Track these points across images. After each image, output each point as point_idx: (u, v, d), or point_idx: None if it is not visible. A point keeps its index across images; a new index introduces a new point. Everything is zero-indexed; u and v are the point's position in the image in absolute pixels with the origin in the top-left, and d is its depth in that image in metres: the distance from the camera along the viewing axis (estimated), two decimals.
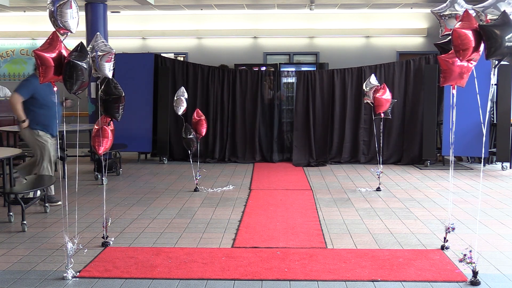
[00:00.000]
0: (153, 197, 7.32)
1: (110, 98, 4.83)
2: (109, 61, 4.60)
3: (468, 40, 3.90)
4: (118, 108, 4.89)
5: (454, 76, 4.46)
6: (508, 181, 8.46)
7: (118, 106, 4.87)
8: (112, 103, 4.85)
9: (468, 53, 3.94)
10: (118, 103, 4.87)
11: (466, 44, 3.91)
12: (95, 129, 4.83)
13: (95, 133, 4.80)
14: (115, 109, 4.87)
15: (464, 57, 3.99)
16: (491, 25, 3.88)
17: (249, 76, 10.61)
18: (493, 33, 3.82)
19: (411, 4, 12.16)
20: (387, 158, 10.04)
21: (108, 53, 4.57)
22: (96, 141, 4.78)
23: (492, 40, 3.81)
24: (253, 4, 12.22)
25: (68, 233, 4.47)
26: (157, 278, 4.21)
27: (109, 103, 4.85)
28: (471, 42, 3.90)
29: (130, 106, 10.58)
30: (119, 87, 4.90)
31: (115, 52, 4.71)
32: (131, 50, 12.90)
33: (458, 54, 4.00)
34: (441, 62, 4.50)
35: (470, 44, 3.90)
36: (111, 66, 4.65)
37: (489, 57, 3.86)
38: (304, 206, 6.70)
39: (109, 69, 4.62)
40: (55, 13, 4.09)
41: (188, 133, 7.57)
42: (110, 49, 4.63)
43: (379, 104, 7.33)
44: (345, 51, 13.33)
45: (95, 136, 4.79)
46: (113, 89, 4.85)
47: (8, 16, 13.22)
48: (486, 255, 4.69)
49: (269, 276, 4.23)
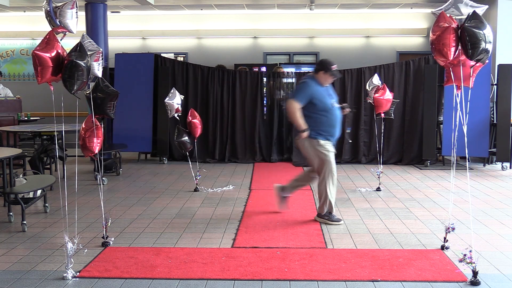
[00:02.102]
0: (153, 197, 7.32)
1: (102, 96, 4.83)
2: (97, 60, 4.58)
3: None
4: (113, 106, 4.89)
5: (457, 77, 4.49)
6: (508, 181, 8.46)
7: (112, 104, 4.88)
8: (107, 101, 4.85)
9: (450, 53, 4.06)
10: (112, 100, 4.87)
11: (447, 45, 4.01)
12: (84, 130, 4.74)
13: (88, 133, 4.72)
14: (109, 107, 4.87)
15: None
16: (474, 26, 3.96)
17: (249, 76, 10.61)
18: (477, 33, 3.92)
19: (411, 4, 12.15)
20: (387, 159, 10.04)
21: (96, 52, 4.56)
22: (91, 141, 4.72)
23: (476, 41, 3.94)
24: (253, 4, 12.21)
25: (68, 233, 4.47)
26: (157, 278, 4.20)
27: (103, 101, 4.85)
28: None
29: (130, 106, 10.69)
30: (109, 85, 4.91)
31: (102, 51, 4.68)
32: (131, 50, 12.90)
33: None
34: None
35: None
36: (100, 65, 4.63)
37: (473, 58, 3.99)
38: (304, 206, 6.70)
39: (97, 68, 4.60)
40: (51, 12, 4.07)
41: (180, 136, 7.54)
42: (97, 48, 4.62)
43: (379, 104, 7.35)
44: (345, 51, 13.32)
45: (90, 137, 4.72)
46: (105, 88, 4.87)
47: (8, 16, 13.22)
48: (486, 255, 4.69)
49: (269, 276, 4.23)
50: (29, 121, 11.39)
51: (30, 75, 13.52)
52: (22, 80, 13.58)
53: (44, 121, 11.41)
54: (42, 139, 9.04)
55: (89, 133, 4.69)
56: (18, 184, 6.24)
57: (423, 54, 11.42)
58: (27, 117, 11.43)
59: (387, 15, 13.19)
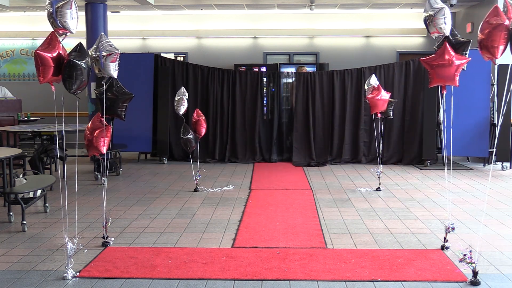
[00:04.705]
0: (153, 197, 7.32)
1: (116, 97, 4.84)
2: (114, 61, 4.62)
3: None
4: (125, 108, 4.91)
5: (439, 77, 4.50)
6: (508, 181, 8.46)
7: (125, 106, 4.89)
8: (119, 102, 4.86)
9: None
10: (126, 102, 4.88)
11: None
12: (91, 129, 4.73)
13: (97, 133, 4.73)
14: (121, 109, 4.88)
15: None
16: None
17: (249, 76, 10.61)
18: None
19: (411, 4, 12.15)
20: (387, 159, 10.04)
21: (114, 53, 4.60)
22: (99, 140, 4.72)
23: None
24: (253, 4, 12.21)
25: (68, 233, 4.47)
26: (157, 278, 4.21)
27: (116, 102, 4.86)
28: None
29: (130, 106, 10.57)
30: (123, 87, 4.92)
31: (120, 52, 4.73)
32: (131, 50, 12.90)
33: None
34: (423, 64, 4.57)
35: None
36: (116, 66, 4.67)
37: None
38: (304, 206, 6.70)
39: (114, 69, 4.64)
40: (54, 14, 4.09)
41: (186, 133, 7.56)
42: (115, 49, 4.66)
43: (373, 104, 7.37)
44: (345, 51, 13.32)
45: (99, 136, 4.72)
46: (119, 89, 4.88)
47: (8, 16, 13.22)
48: (486, 255, 4.69)
49: (269, 276, 4.23)
50: (29, 121, 11.40)
51: (30, 75, 13.51)
52: (22, 80, 13.58)
53: (44, 121, 11.42)
54: (42, 139, 9.04)
55: (97, 133, 4.69)
56: (18, 184, 6.24)
57: (423, 54, 11.41)
58: (27, 117, 11.44)
59: (387, 15, 13.18)
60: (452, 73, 4.48)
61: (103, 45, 4.59)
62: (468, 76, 7.63)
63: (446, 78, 4.50)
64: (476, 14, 11.66)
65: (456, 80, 4.53)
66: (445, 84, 4.60)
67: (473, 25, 11.61)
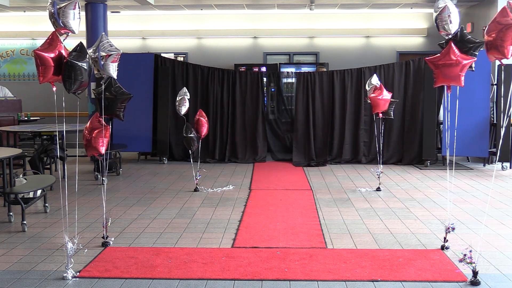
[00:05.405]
0: (153, 197, 7.32)
1: (117, 97, 4.84)
2: (115, 61, 4.61)
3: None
4: (124, 108, 4.90)
5: (443, 77, 4.48)
6: (508, 181, 8.46)
7: (123, 106, 4.89)
8: (118, 103, 4.86)
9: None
10: (124, 102, 4.88)
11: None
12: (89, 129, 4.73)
13: (96, 133, 4.73)
14: (120, 109, 4.88)
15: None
16: None
17: (249, 76, 10.61)
18: None
19: (411, 4, 12.15)
20: (387, 159, 10.04)
21: (115, 54, 4.59)
22: (98, 141, 4.73)
23: None
24: (253, 4, 12.21)
25: (68, 233, 4.47)
26: (157, 278, 4.21)
27: (114, 102, 4.85)
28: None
29: (130, 106, 10.56)
30: (121, 87, 4.92)
31: (121, 53, 4.72)
32: (131, 50, 12.90)
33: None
34: (428, 63, 4.56)
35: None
36: (116, 66, 4.66)
37: None
38: (304, 206, 6.70)
39: (114, 70, 4.64)
40: (56, 13, 4.09)
41: (189, 132, 7.57)
42: (116, 49, 4.65)
43: (375, 104, 7.37)
44: (345, 51, 13.32)
45: (97, 137, 4.72)
46: (117, 89, 4.87)
47: (8, 16, 13.22)
48: (486, 255, 4.68)
49: (269, 276, 4.23)
50: (29, 121, 11.40)
51: (30, 75, 13.51)
52: (22, 80, 13.58)
53: (44, 121, 11.42)
54: (42, 139, 9.04)
55: (95, 133, 4.69)
56: (18, 184, 6.24)
57: (423, 54, 11.42)
58: (27, 117, 11.44)
59: (387, 15, 13.18)
60: (457, 73, 4.46)
61: (104, 46, 4.58)
62: (468, 76, 7.59)
63: (452, 78, 4.49)
64: (476, 14, 11.66)
65: (461, 80, 4.52)
66: (450, 84, 4.59)
67: (473, 25, 11.61)
